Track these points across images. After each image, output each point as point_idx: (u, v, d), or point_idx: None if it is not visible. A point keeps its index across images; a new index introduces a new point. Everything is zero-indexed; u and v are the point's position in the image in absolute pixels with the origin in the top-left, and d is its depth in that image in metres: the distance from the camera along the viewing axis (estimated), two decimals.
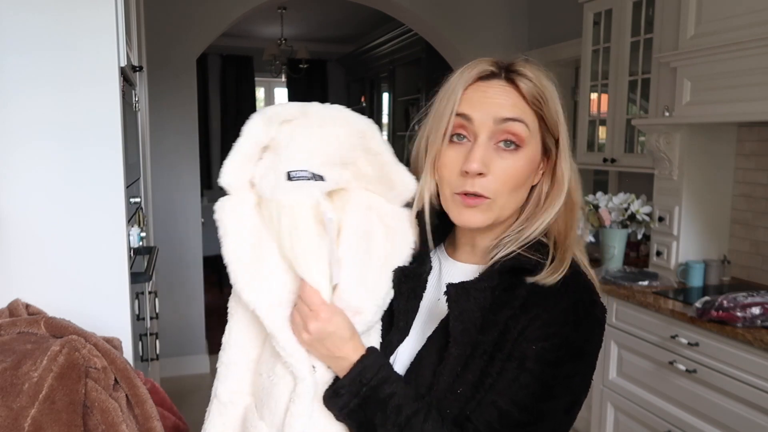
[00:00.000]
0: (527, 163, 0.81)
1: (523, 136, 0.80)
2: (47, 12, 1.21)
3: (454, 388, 0.79)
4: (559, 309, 0.79)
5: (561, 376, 0.78)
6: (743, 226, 2.64)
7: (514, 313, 0.79)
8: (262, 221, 0.85)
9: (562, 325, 0.78)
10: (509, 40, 4.10)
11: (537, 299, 0.79)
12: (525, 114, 0.80)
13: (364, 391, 0.79)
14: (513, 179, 0.81)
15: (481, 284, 0.82)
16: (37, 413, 0.88)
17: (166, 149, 3.60)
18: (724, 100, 2.29)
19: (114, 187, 1.28)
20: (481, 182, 0.80)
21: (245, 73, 7.42)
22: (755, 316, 1.99)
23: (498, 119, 0.80)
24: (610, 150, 3.09)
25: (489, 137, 0.80)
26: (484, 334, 0.79)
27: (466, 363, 0.79)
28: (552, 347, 0.77)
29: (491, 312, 0.80)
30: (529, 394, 0.76)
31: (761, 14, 2.13)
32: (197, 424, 0.93)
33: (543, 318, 0.78)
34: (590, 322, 0.81)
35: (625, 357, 2.53)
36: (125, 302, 1.31)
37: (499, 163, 0.80)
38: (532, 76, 0.81)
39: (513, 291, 0.80)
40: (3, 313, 1.11)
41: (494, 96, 0.81)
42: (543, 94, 0.81)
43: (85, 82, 1.24)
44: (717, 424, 2.09)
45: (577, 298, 0.80)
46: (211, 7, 3.62)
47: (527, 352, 0.77)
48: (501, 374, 0.78)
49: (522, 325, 0.78)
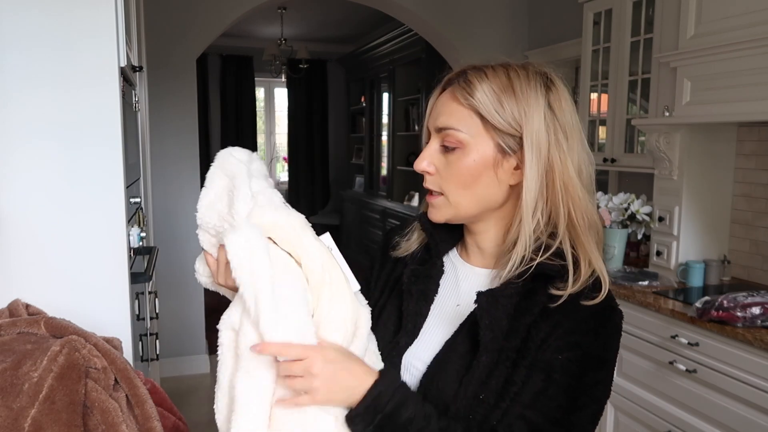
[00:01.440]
0: (472, 162, 0.86)
1: (460, 138, 0.86)
2: (47, 12, 1.21)
3: (477, 394, 0.80)
4: (581, 316, 0.80)
5: (586, 387, 0.79)
6: (743, 226, 2.64)
7: (535, 320, 0.81)
8: None
9: (584, 334, 0.80)
10: (509, 40, 4.10)
11: (558, 308, 0.80)
12: (459, 119, 0.86)
13: (378, 419, 0.77)
14: (458, 176, 0.86)
15: (507, 291, 0.83)
16: (37, 413, 0.88)
17: (166, 149, 3.60)
18: (724, 100, 2.29)
19: (114, 187, 1.28)
20: (431, 179, 0.89)
21: (245, 73, 7.42)
22: (755, 316, 1.99)
23: (436, 128, 0.88)
24: (610, 150, 3.09)
25: (438, 142, 0.88)
26: (507, 341, 0.81)
27: (491, 371, 0.80)
28: (576, 357, 0.78)
29: (514, 318, 0.82)
30: (557, 406, 0.78)
31: (761, 14, 2.13)
32: (197, 424, 0.93)
33: (564, 326, 0.79)
34: (610, 330, 0.83)
35: (625, 357, 2.53)
36: (125, 302, 1.31)
37: (443, 162, 0.88)
38: (475, 83, 0.85)
39: (533, 297, 0.82)
40: (3, 313, 1.11)
41: (439, 106, 0.89)
42: (480, 98, 0.84)
43: (85, 82, 1.24)
44: (717, 424, 2.09)
45: (596, 306, 0.81)
46: (211, 7, 3.62)
47: (553, 363, 0.78)
48: (526, 385, 0.78)
49: (544, 333, 0.80)
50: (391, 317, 0.93)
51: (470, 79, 0.86)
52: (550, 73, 0.88)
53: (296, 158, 7.82)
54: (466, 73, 0.88)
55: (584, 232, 0.86)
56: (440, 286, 0.92)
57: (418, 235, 0.97)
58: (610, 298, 0.84)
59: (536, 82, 0.86)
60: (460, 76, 0.88)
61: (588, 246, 0.85)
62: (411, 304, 0.90)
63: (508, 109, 0.84)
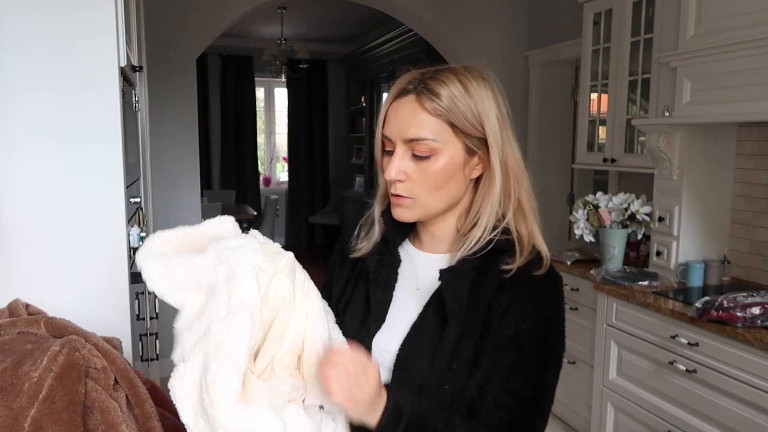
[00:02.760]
0: (444, 165, 0.91)
1: (432, 146, 0.90)
2: (47, 12, 1.21)
3: (449, 363, 0.89)
4: (533, 286, 0.91)
5: (549, 348, 0.91)
6: (743, 226, 2.64)
7: (494, 294, 0.91)
8: None
9: (539, 302, 0.91)
10: (509, 40, 4.10)
11: (511, 280, 0.91)
12: (430, 129, 0.90)
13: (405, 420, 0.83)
14: (430, 182, 0.92)
15: (465, 266, 0.92)
16: (37, 413, 0.88)
17: (166, 149, 3.60)
18: (724, 100, 2.29)
19: (114, 187, 1.28)
20: (402, 186, 0.93)
21: (245, 73, 7.42)
22: (755, 316, 1.99)
23: (405, 139, 0.91)
24: (610, 150, 3.09)
25: (405, 150, 0.92)
26: (471, 314, 0.90)
27: (460, 341, 0.89)
28: (536, 324, 0.90)
29: (472, 294, 0.91)
30: (532, 371, 0.89)
31: (761, 14, 2.13)
32: None
33: (521, 296, 0.90)
34: (557, 295, 0.94)
35: (625, 357, 2.53)
36: (125, 302, 1.31)
37: (414, 170, 0.92)
38: (439, 89, 0.89)
39: (487, 273, 0.92)
40: (3, 313, 1.11)
41: (403, 116, 0.91)
42: (449, 106, 0.89)
43: (86, 82, 1.24)
44: (717, 424, 2.09)
45: (544, 276, 0.92)
46: (211, 7, 3.62)
47: (519, 335, 0.89)
48: (501, 359, 0.88)
49: (504, 305, 0.90)
50: (358, 307, 0.99)
51: (432, 86, 0.90)
52: (487, 72, 0.95)
53: (296, 158, 7.82)
54: (422, 80, 0.91)
55: (529, 212, 0.96)
56: (399, 274, 1.00)
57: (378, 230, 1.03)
58: (552, 267, 0.95)
59: (484, 83, 0.92)
60: (417, 83, 0.91)
61: (531, 224, 0.95)
62: (377, 291, 0.97)
63: (470, 112, 0.90)
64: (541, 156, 4.08)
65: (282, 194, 7.96)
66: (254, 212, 6.39)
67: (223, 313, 0.80)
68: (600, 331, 2.67)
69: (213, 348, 0.78)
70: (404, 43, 5.63)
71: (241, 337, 0.79)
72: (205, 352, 0.79)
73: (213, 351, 0.78)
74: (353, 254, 1.05)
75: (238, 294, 0.81)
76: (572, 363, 2.91)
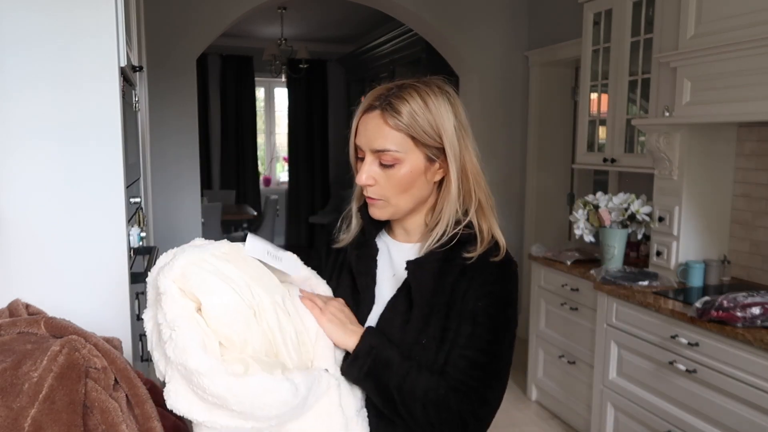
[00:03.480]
0: (407, 172, 1.05)
1: (396, 156, 1.04)
2: (47, 12, 1.21)
3: (418, 339, 1.04)
4: (489, 270, 1.05)
5: (501, 323, 1.04)
6: (743, 226, 2.64)
7: (456, 279, 1.05)
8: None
9: (494, 284, 1.04)
10: (509, 40, 4.10)
11: (471, 266, 1.05)
12: (393, 142, 1.04)
13: (374, 352, 1.01)
14: (396, 186, 1.06)
15: (430, 258, 1.06)
16: (37, 413, 0.88)
17: (166, 149, 3.60)
18: (724, 100, 2.29)
19: (114, 187, 1.28)
20: (373, 190, 1.08)
21: (245, 73, 7.42)
22: (755, 316, 1.99)
23: (373, 149, 1.06)
24: (610, 150, 3.09)
25: (373, 158, 1.07)
26: (436, 297, 1.04)
27: (427, 321, 1.04)
28: (491, 302, 1.03)
29: (438, 279, 1.05)
30: (486, 341, 1.02)
31: (761, 14, 2.13)
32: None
33: (479, 280, 1.04)
34: (511, 277, 1.07)
35: (625, 357, 2.53)
36: (125, 302, 1.31)
37: (382, 176, 1.06)
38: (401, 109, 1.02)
39: (452, 261, 1.06)
40: (3, 313, 1.11)
41: (370, 129, 1.06)
42: (409, 122, 1.02)
43: (86, 82, 1.24)
44: (717, 424, 2.09)
45: (499, 261, 1.06)
46: (211, 7, 3.62)
47: (476, 311, 1.02)
48: (459, 332, 1.02)
49: (464, 288, 1.04)
50: (345, 294, 1.12)
51: (394, 104, 1.03)
52: (447, 86, 1.07)
53: (296, 158, 7.82)
54: (387, 97, 1.04)
55: (487, 209, 1.10)
56: (377, 261, 1.14)
57: (356, 224, 1.18)
58: (508, 254, 1.08)
59: (442, 97, 1.05)
60: (382, 100, 1.04)
61: (490, 218, 1.10)
62: (363, 279, 1.12)
63: (429, 126, 1.03)
64: (541, 156, 4.08)
65: (282, 194, 7.96)
66: (254, 212, 6.39)
67: (168, 333, 0.88)
68: (600, 331, 2.67)
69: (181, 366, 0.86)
70: (404, 43, 5.63)
71: (190, 345, 0.86)
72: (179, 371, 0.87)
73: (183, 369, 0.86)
74: (336, 245, 1.19)
75: (169, 311, 0.89)
76: (572, 363, 2.91)
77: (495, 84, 4.12)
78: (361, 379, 1.03)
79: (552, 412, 3.16)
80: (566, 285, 2.92)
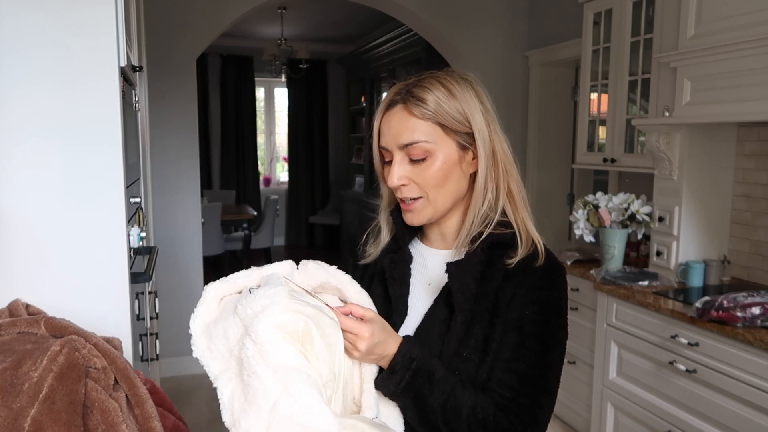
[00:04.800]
0: (441, 164, 0.98)
1: (426, 148, 0.97)
2: (47, 11, 1.21)
3: (459, 351, 0.96)
4: (536, 276, 0.97)
5: (551, 332, 0.96)
6: (743, 226, 2.64)
7: (500, 284, 0.97)
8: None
9: (542, 290, 0.96)
10: (509, 40, 4.10)
11: (515, 270, 0.97)
12: (422, 132, 0.97)
13: (414, 365, 0.93)
14: (432, 179, 0.99)
15: (471, 260, 0.98)
16: (37, 413, 0.88)
17: (166, 149, 3.60)
18: (724, 100, 2.29)
19: (114, 186, 1.28)
20: (407, 190, 1.00)
21: (245, 73, 7.42)
22: (755, 316, 1.99)
23: (400, 145, 0.98)
24: (610, 150, 3.09)
25: (402, 156, 0.99)
26: (479, 304, 0.97)
27: (468, 329, 0.96)
28: (539, 310, 0.95)
29: (481, 285, 0.97)
30: (534, 353, 0.94)
31: (761, 14, 2.13)
32: (197, 424, 0.93)
33: (525, 285, 0.96)
34: (559, 283, 0.99)
35: (625, 357, 2.53)
36: (125, 302, 1.31)
37: (415, 172, 0.99)
38: (423, 94, 0.97)
39: (495, 266, 0.98)
40: (3, 313, 1.11)
41: (395, 125, 0.99)
42: (436, 108, 0.97)
43: (86, 82, 1.24)
44: (717, 424, 2.09)
45: (545, 265, 0.98)
46: (211, 7, 3.62)
47: (523, 319, 0.94)
48: (505, 342, 0.94)
49: (510, 294, 0.96)
50: (377, 304, 1.03)
51: (418, 94, 0.97)
52: (468, 74, 1.02)
53: (296, 158, 7.82)
54: (407, 90, 0.99)
55: (520, 203, 1.02)
56: (411, 269, 1.06)
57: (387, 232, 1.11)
58: (552, 257, 1.00)
59: (465, 83, 1.00)
60: (404, 93, 0.99)
61: (524, 214, 1.02)
62: (396, 287, 1.05)
63: (456, 111, 0.98)
64: (541, 156, 4.07)
65: (282, 194, 7.96)
66: (254, 212, 6.39)
67: (280, 388, 0.79)
68: (600, 331, 2.67)
69: (299, 427, 0.78)
70: (404, 43, 5.63)
71: (311, 401, 0.79)
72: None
73: (299, 428, 0.78)
74: (362, 261, 1.12)
75: (279, 364, 0.80)
76: (572, 363, 2.91)
77: (495, 84, 4.12)
78: (399, 394, 0.94)
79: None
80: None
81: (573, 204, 3.28)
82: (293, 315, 0.83)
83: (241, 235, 6.35)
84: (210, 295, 0.95)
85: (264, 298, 0.84)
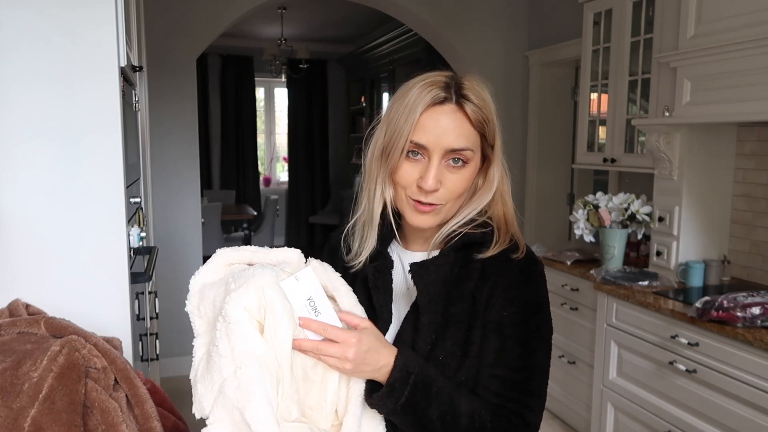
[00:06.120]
0: (471, 174, 0.95)
1: (468, 157, 0.93)
2: (47, 11, 1.21)
3: (435, 355, 0.92)
4: (512, 274, 0.93)
5: (533, 331, 0.93)
6: (743, 226, 2.64)
7: (476, 285, 0.93)
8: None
9: (518, 289, 0.93)
10: (509, 40, 4.09)
11: (492, 269, 0.94)
12: (470, 140, 0.92)
13: (412, 379, 0.87)
14: (461, 189, 0.94)
15: (439, 260, 0.94)
16: (37, 413, 0.88)
17: (166, 149, 3.60)
18: (724, 100, 2.29)
19: (114, 187, 1.28)
20: (435, 195, 0.93)
21: (245, 73, 7.42)
22: (755, 316, 1.99)
23: (448, 149, 0.91)
24: (610, 150, 3.09)
25: (440, 158, 0.92)
26: (454, 306, 0.93)
27: (442, 332, 0.92)
28: (518, 310, 0.92)
29: (455, 286, 0.93)
30: (517, 356, 0.91)
31: (761, 14, 2.13)
32: (197, 424, 0.93)
33: (502, 285, 0.92)
34: (536, 278, 0.96)
35: (625, 357, 2.53)
36: (125, 302, 1.31)
37: (450, 177, 0.93)
38: (477, 100, 0.92)
39: (469, 266, 0.94)
40: (3, 313, 1.11)
41: (446, 126, 0.91)
42: (487, 117, 0.93)
43: (85, 82, 1.24)
44: (717, 424, 2.09)
45: (522, 262, 0.94)
46: (211, 7, 3.62)
47: (502, 321, 0.91)
48: (486, 347, 0.91)
49: (486, 294, 0.92)
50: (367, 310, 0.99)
51: (469, 96, 0.91)
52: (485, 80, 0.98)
53: (296, 158, 7.82)
54: (459, 90, 0.92)
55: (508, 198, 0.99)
56: (392, 275, 1.00)
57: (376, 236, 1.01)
58: (530, 252, 0.97)
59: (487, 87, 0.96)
60: (455, 92, 0.91)
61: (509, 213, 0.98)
62: (380, 296, 0.98)
63: (494, 122, 0.94)
64: (541, 156, 4.07)
65: (282, 194, 7.96)
66: (254, 212, 6.39)
67: (231, 368, 0.80)
68: (600, 331, 2.67)
69: (236, 411, 0.78)
70: (404, 43, 5.63)
71: (254, 390, 0.78)
72: (231, 414, 0.79)
73: (238, 415, 0.78)
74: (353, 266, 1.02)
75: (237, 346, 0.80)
76: (572, 363, 2.91)
77: (495, 84, 4.07)
78: (398, 412, 0.88)
79: (552, 412, 3.16)
80: (566, 285, 2.92)
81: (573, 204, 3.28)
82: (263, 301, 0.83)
83: (241, 235, 6.35)
84: (219, 257, 0.94)
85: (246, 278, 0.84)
